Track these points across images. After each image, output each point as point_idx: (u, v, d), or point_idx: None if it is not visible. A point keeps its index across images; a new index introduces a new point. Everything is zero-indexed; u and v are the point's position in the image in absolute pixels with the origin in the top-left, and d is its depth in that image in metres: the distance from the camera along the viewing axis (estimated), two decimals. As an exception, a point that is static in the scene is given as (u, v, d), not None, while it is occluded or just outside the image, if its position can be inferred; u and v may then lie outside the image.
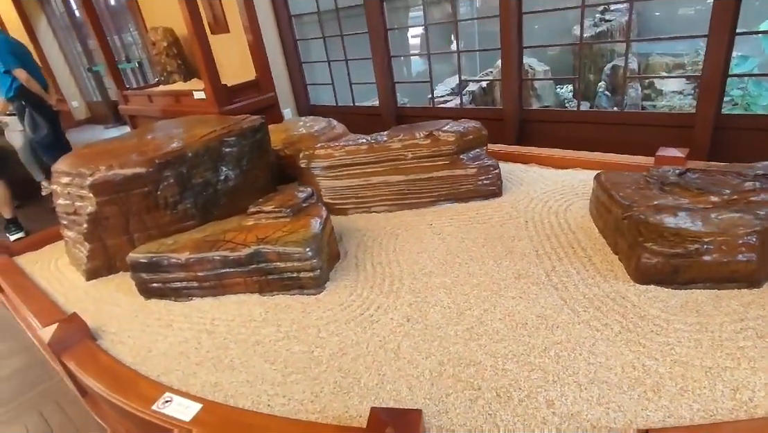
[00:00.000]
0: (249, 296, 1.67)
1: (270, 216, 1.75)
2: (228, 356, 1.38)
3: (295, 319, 1.51)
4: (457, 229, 1.94)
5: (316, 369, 1.28)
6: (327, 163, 2.34)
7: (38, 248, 2.44)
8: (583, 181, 2.19)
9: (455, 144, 2.22)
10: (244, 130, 2.10)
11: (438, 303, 1.48)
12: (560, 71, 4.19)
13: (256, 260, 1.61)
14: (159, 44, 4.08)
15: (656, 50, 3.79)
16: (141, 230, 1.90)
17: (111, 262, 1.96)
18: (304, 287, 1.62)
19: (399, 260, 1.76)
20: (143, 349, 1.47)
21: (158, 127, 2.35)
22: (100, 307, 1.76)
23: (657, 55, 3.74)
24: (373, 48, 3.42)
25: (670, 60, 3.63)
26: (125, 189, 1.79)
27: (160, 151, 1.86)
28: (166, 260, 1.66)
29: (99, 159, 1.88)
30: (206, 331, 1.52)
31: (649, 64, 3.72)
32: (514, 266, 1.62)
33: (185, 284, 1.68)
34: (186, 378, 1.32)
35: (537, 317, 1.36)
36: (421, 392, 1.15)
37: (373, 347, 1.34)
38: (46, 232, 2.52)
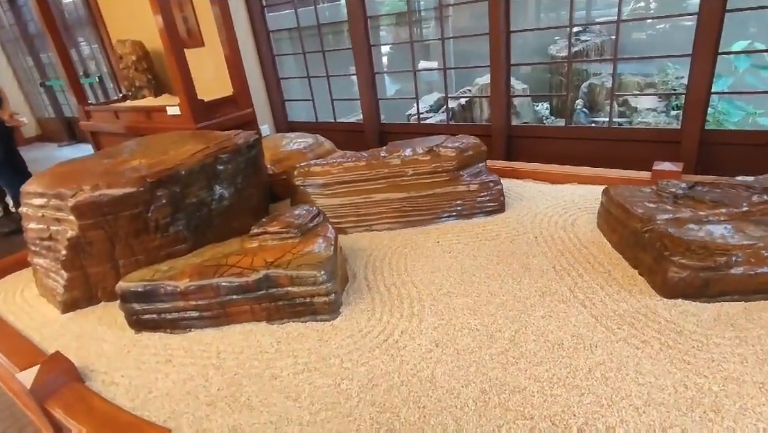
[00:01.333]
0: (256, 324, 1.54)
1: (276, 237, 1.63)
2: (243, 394, 1.25)
3: (313, 348, 1.40)
4: (466, 246, 1.89)
5: (347, 404, 1.17)
6: (324, 181, 2.24)
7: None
8: (583, 196, 2.20)
9: (456, 160, 2.19)
10: (239, 146, 1.98)
11: (465, 325, 1.41)
12: (537, 89, 4.31)
13: (266, 285, 1.49)
14: (127, 58, 3.87)
15: (627, 70, 3.98)
16: (127, 255, 1.73)
17: (92, 292, 1.77)
18: (317, 313, 1.51)
19: (413, 280, 1.68)
20: (142, 390, 1.31)
21: (139, 144, 2.18)
22: (84, 343, 1.57)
23: (629, 75, 3.93)
24: (357, 64, 3.38)
25: (641, 79, 3.81)
26: (113, 211, 1.63)
27: (151, 170, 1.71)
28: (162, 288, 1.50)
29: (80, 178, 1.71)
30: (213, 366, 1.37)
31: (622, 82, 3.89)
32: (536, 283, 1.58)
33: (184, 314, 1.53)
34: (198, 422, 1.18)
35: (572, 336, 1.31)
36: (469, 425, 1.07)
37: (405, 376, 1.24)
38: (5, 260, 2.26)
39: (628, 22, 2.26)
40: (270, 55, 3.91)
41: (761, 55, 3.11)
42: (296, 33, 4.30)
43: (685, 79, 3.71)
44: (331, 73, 3.68)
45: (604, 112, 3.79)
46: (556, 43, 4.30)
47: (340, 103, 3.82)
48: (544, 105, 4.24)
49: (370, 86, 3.41)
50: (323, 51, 3.64)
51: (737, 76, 3.04)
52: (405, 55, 5.16)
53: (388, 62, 6.35)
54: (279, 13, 4.28)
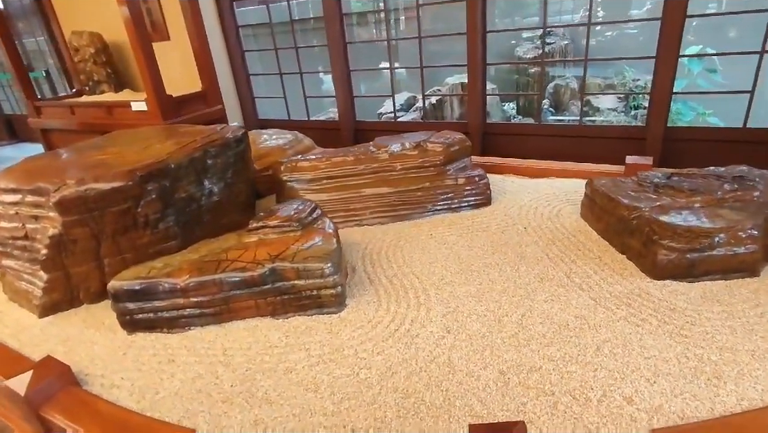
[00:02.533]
0: (260, 320, 1.50)
1: (276, 231, 1.60)
2: (259, 389, 1.22)
3: (324, 341, 1.38)
4: (459, 238, 1.93)
5: (369, 392, 1.18)
6: (312, 176, 2.22)
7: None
8: (562, 188, 2.31)
9: (443, 155, 2.23)
10: (228, 140, 1.93)
11: (472, 312, 1.45)
12: (504, 89, 4.47)
13: (271, 279, 1.46)
14: (84, 50, 3.65)
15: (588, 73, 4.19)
16: (113, 254, 1.63)
17: (73, 294, 1.66)
18: (324, 306, 1.50)
19: (414, 271, 1.70)
20: (148, 391, 1.25)
21: (113, 138, 2.07)
22: (72, 347, 1.47)
23: (590, 77, 4.15)
24: (332, 62, 3.36)
25: (601, 81, 4.05)
26: (100, 207, 1.54)
27: (139, 163, 1.63)
28: (160, 285, 1.44)
29: (60, 173, 1.60)
30: (221, 363, 1.33)
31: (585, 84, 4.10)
32: (533, 270, 1.64)
33: (183, 312, 1.47)
34: (216, 419, 1.14)
35: (575, 318, 1.38)
36: (494, 404, 1.10)
37: (422, 362, 1.26)
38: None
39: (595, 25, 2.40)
40: (239, 51, 3.81)
41: (712, 59, 3.39)
42: (260, 30, 4.22)
43: (641, 81, 3.99)
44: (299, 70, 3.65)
45: (568, 111, 3.99)
46: (522, 45, 4.49)
47: (309, 101, 3.79)
48: (511, 105, 4.40)
49: (346, 84, 3.40)
50: (296, 47, 3.59)
51: (691, 78, 3.31)
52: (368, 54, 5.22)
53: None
54: (247, 8, 4.17)
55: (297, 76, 3.73)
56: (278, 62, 3.74)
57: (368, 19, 5.83)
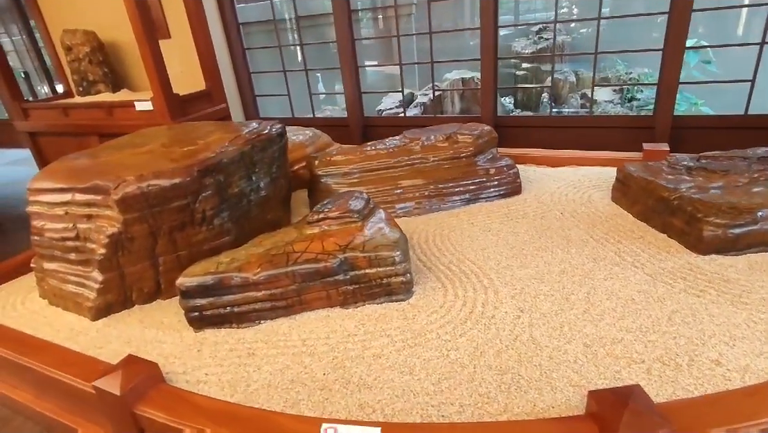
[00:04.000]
0: (330, 310, 1.51)
1: (338, 222, 1.61)
2: (353, 375, 1.23)
3: (402, 327, 1.41)
4: (502, 225, 1.99)
5: (465, 371, 1.21)
6: (347, 169, 2.24)
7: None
8: (586, 175, 2.40)
9: (473, 146, 2.29)
10: (272, 135, 1.91)
11: (539, 292, 1.50)
12: (502, 83, 4.59)
13: (343, 269, 1.47)
14: (78, 49, 3.51)
15: (581, 68, 4.37)
16: (169, 251, 1.61)
17: (126, 295, 1.62)
18: (393, 293, 1.52)
19: (468, 258, 1.75)
20: (239, 384, 1.24)
21: (149, 135, 2.02)
22: (139, 348, 1.44)
23: (584, 71, 4.31)
24: (341, 57, 3.36)
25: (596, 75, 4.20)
26: (160, 203, 1.51)
27: (194, 158, 1.61)
28: (232, 279, 1.43)
29: (113, 170, 1.56)
30: (305, 353, 1.34)
31: (580, 78, 4.27)
32: (582, 251, 1.71)
33: (254, 306, 1.46)
34: (320, 406, 1.15)
35: (638, 292, 1.45)
36: (590, 374, 1.16)
37: (507, 341, 1.30)
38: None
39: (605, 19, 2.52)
40: (240, 49, 3.75)
41: (706, 51, 3.60)
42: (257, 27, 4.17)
43: (633, 73, 4.17)
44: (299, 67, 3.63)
45: (567, 104, 4.14)
46: (518, 41, 4.61)
47: (306, 99, 3.77)
48: (508, 99, 4.52)
49: (354, 80, 3.41)
50: (301, 44, 3.58)
51: (687, 69, 3.50)
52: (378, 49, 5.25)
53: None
54: (246, 5, 4.12)
55: (291, 74, 3.70)
56: (282, 60, 3.71)
57: (359, 16, 5.84)
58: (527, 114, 3.94)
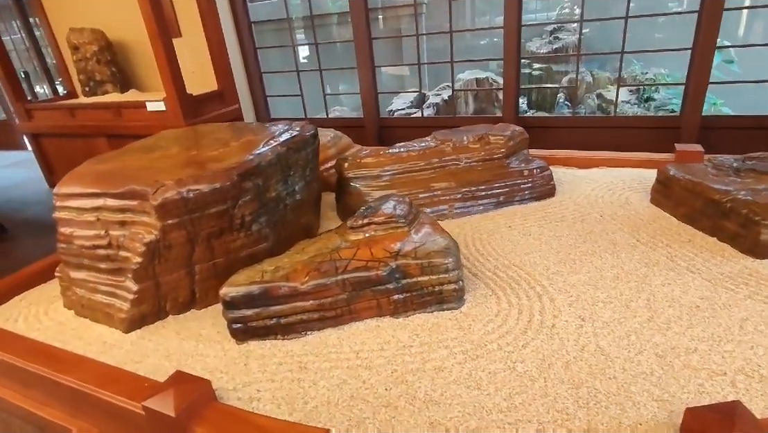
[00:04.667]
0: (379, 320, 1.44)
1: (383, 228, 1.54)
2: (418, 391, 1.17)
3: (459, 337, 1.34)
4: (541, 229, 1.93)
5: (535, 385, 1.15)
6: (377, 172, 2.17)
7: (5, 300, 1.82)
8: (619, 177, 2.36)
9: (504, 147, 2.23)
10: (307, 136, 1.84)
11: (596, 300, 1.44)
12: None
13: (395, 276, 1.40)
14: (85, 48, 3.41)
15: (594, 67, 4.34)
16: (206, 259, 1.53)
17: (160, 305, 1.54)
18: (444, 301, 1.46)
19: (513, 263, 1.69)
20: (296, 401, 1.17)
21: (174, 138, 1.94)
22: (181, 361, 1.36)
23: (599, 71, 4.29)
24: (358, 57, 3.29)
25: (610, 75, 4.19)
26: (199, 208, 1.43)
27: (231, 161, 1.53)
28: (280, 288, 1.35)
29: (148, 173, 1.48)
30: (360, 367, 1.27)
31: (595, 78, 4.24)
32: (633, 256, 1.66)
33: (302, 317, 1.39)
34: (388, 424, 1.08)
35: (701, 299, 1.40)
36: (672, 387, 1.10)
37: (574, 351, 1.24)
38: (4, 282, 1.89)
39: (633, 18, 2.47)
40: (252, 48, 3.67)
41: (728, 51, 3.59)
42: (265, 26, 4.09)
43: (649, 74, 4.15)
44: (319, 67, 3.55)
45: (584, 104, 4.10)
46: (532, 41, 4.58)
47: (313, 100, 3.70)
48: (522, 100, 4.48)
49: (371, 80, 3.34)
50: (316, 44, 3.50)
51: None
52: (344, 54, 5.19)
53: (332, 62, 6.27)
54: (254, 3, 4.03)
55: (311, 74, 3.64)
56: (296, 59, 3.64)
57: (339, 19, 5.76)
58: (550, 115, 3.90)
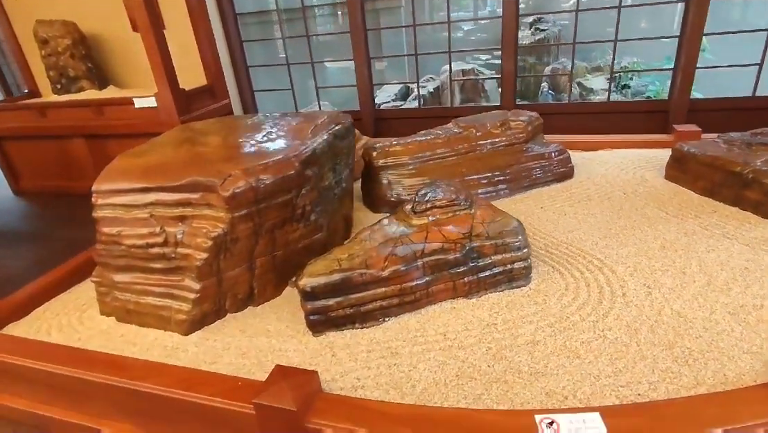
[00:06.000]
0: (454, 302, 1.45)
1: (447, 211, 1.54)
2: (520, 364, 1.18)
3: (538, 312, 1.37)
4: (573, 208, 2.00)
5: (630, 350, 1.19)
6: (406, 160, 2.16)
7: (19, 316, 1.66)
8: (627, 157, 2.48)
9: (524, 132, 2.29)
10: (348, 125, 1.81)
11: (653, 268, 1.52)
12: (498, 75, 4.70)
13: (470, 257, 1.41)
14: (56, 42, 3.15)
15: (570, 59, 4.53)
16: (266, 252, 1.47)
17: (220, 303, 1.47)
18: (513, 279, 1.48)
19: (561, 240, 1.74)
20: (403, 385, 1.15)
21: (201, 129, 1.84)
22: (260, 359, 1.30)
23: (578, 62, 4.48)
24: (354, 49, 3.26)
25: (587, 64, 4.39)
26: (266, 199, 1.37)
27: (284, 150, 1.48)
28: (361, 276, 1.33)
29: (206, 165, 1.40)
30: (454, 347, 1.27)
31: (575, 67, 4.41)
32: (669, 228, 1.76)
33: (381, 303, 1.37)
34: (506, 398, 1.09)
35: (747, 261, 1.51)
36: (756, 340, 1.18)
37: (653, 315, 1.31)
38: (20, 294, 1.72)
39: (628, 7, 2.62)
40: (238, 41, 3.53)
41: None
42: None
43: (624, 62, 4.39)
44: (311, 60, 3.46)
45: (566, 92, 4.28)
46: None
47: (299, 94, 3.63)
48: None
49: (367, 72, 3.32)
50: (308, 36, 3.42)
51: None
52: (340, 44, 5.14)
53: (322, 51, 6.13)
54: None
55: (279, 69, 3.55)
56: (286, 52, 3.54)
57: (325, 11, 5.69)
58: (546, 102, 4.03)
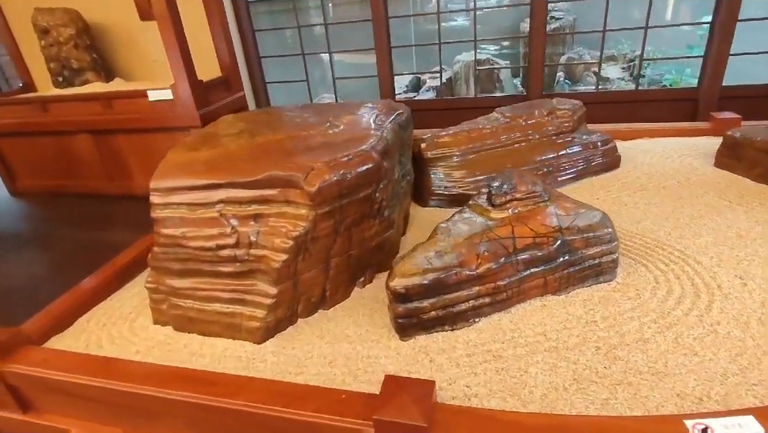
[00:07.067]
0: (543, 299, 1.37)
1: (523, 203, 1.46)
2: (638, 364, 1.12)
3: (636, 307, 1.31)
4: (631, 198, 1.95)
5: (749, 344, 1.14)
6: (456, 151, 2.08)
7: (62, 327, 1.52)
8: (669, 146, 2.44)
9: (571, 121, 2.23)
10: (408, 115, 1.71)
11: (738, 259, 1.47)
12: (513, 63, 4.63)
13: (562, 251, 1.34)
14: (58, 32, 2.94)
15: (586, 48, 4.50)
16: (342, 251, 1.37)
17: (293, 308, 1.36)
18: (601, 274, 1.42)
19: (633, 232, 1.68)
20: (519, 392, 1.07)
21: (253, 120, 1.72)
22: (351, 366, 1.20)
23: (591, 50, 4.44)
24: (376, 38, 3.14)
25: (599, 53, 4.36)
26: (349, 193, 1.27)
27: (360, 142, 1.38)
28: (455, 275, 1.24)
29: (272, 160, 1.29)
30: (559, 348, 1.19)
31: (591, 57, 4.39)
32: (738, 216, 1.72)
33: (473, 303, 1.28)
34: (637, 402, 1.02)
35: (833, 247, 1.48)
36: None
37: (758, 308, 1.25)
38: (58, 303, 1.58)
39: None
40: (250, 31, 3.38)
41: None
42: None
43: (637, 51, 4.37)
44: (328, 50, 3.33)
45: (583, 82, 4.24)
46: (526, 21, 4.64)
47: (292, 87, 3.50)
48: (516, 79, 4.55)
49: (387, 61, 3.21)
50: (325, 24, 3.29)
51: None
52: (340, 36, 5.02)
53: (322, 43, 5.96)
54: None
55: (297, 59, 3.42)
56: (301, 42, 3.40)
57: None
58: (575, 91, 3.99)
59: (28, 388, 1.32)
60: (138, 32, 3.12)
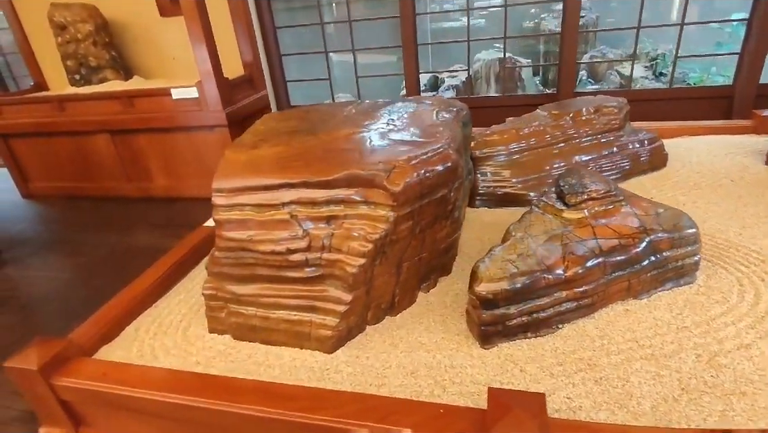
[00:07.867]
0: (624, 303, 1.31)
1: (599, 203, 1.40)
2: (747, 372, 1.05)
3: (727, 312, 1.25)
4: (686, 197, 1.89)
5: None
6: (504, 149, 2.01)
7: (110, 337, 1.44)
8: (713, 144, 2.39)
9: (617, 118, 2.17)
10: (467, 110, 1.64)
11: (819, 259, 1.42)
12: (533, 61, 4.59)
13: (647, 253, 1.27)
14: (77, 28, 2.84)
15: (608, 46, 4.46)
16: (414, 255, 1.30)
17: (363, 316, 1.29)
18: (681, 276, 1.36)
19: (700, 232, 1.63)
20: (627, 403, 1.01)
21: (303, 117, 1.64)
22: (437, 378, 1.13)
23: (612, 49, 4.41)
24: (403, 35, 3.07)
25: (622, 52, 4.32)
26: (429, 193, 1.20)
27: (435, 140, 1.30)
28: (543, 279, 1.17)
29: (346, 158, 1.21)
30: (655, 355, 1.13)
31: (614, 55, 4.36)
32: (805, 214, 1.67)
33: (558, 308, 1.22)
34: (758, 413, 0.95)
35: None
36: None
37: None
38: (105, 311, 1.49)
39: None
40: (272, 27, 3.29)
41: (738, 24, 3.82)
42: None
43: (660, 49, 4.34)
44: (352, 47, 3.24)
45: (606, 80, 4.20)
46: (547, 20, 4.61)
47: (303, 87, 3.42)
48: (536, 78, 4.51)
49: (414, 60, 3.14)
50: (350, 21, 3.21)
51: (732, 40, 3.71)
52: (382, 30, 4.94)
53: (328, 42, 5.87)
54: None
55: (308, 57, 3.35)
56: (324, 39, 3.32)
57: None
58: (603, 88, 3.94)
59: (82, 403, 1.24)
60: (157, 29, 3.03)
